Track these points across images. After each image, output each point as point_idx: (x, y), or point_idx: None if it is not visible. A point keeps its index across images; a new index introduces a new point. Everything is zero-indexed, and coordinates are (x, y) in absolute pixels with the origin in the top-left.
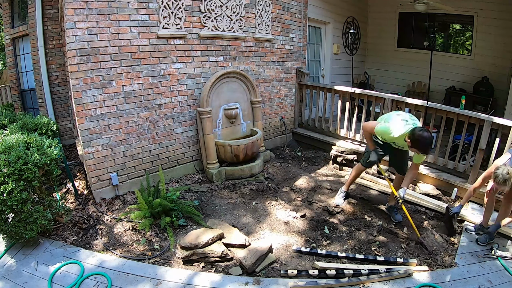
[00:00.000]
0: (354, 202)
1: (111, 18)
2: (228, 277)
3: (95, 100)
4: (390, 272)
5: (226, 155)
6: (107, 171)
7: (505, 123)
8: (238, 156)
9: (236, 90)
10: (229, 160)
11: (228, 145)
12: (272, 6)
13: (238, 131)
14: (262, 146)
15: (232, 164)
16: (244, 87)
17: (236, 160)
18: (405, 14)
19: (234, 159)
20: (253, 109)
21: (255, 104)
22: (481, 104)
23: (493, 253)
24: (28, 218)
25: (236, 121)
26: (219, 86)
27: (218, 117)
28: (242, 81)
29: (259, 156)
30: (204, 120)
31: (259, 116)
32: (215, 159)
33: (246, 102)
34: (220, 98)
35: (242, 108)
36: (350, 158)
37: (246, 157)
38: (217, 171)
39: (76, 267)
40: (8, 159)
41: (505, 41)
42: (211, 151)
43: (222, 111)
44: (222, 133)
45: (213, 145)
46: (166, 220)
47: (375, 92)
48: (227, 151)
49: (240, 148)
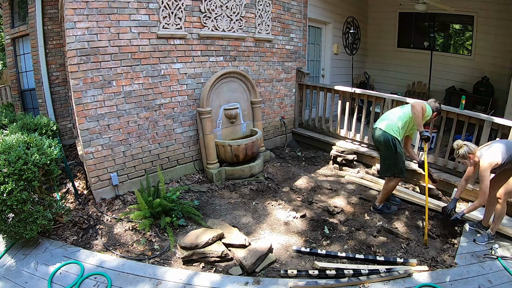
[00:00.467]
0: (354, 202)
1: (111, 18)
2: (228, 277)
3: (95, 100)
4: (390, 272)
5: (226, 155)
6: (107, 171)
7: (505, 123)
8: (238, 156)
9: (236, 90)
10: (229, 160)
11: (228, 145)
12: (272, 6)
13: (238, 131)
14: (262, 146)
15: (232, 164)
16: (244, 87)
17: (236, 160)
18: (405, 14)
19: (234, 159)
20: (253, 109)
21: (255, 104)
22: (481, 104)
23: (493, 253)
24: (28, 218)
25: (236, 121)
26: (219, 86)
27: (218, 117)
28: (242, 81)
29: (259, 156)
30: (204, 120)
31: (259, 116)
32: (215, 159)
33: (246, 102)
34: (220, 98)
35: (242, 108)
36: (350, 158)
37: (246, 157)
38: (217, 171)
39: (76, 267)
40: (8, 159)
41: (505, 41)
42: (211, 151)
43: (222, 111)
44: (222, 133)
45: (213, 145)
46: (166, 220)
47: (375, 92)
48: (227, 151)
49: (240, 148)
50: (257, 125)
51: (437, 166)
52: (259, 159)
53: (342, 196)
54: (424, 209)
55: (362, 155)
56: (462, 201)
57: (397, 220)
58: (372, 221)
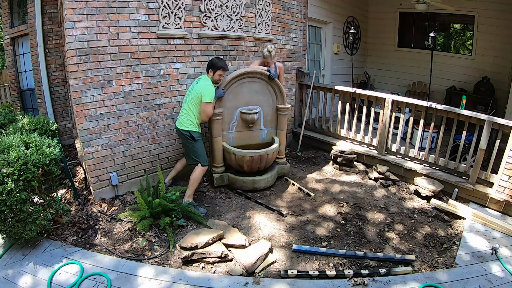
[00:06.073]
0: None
1: (110, 18)
2: (228, 277)
3: (94, 100)
4: (390, 272)
5: (231, 162)
6: (107, 171)
7: (505, 123)
8: (242, 166)
9: (259, 92)
10: (234, 168)
11: (233, 153)
12: (272, 6)
13: (256, 137)
14: (282, 157)
15: (237, 172)
16: (270, 89)
17: (241, 170)
18: (405, 14)
19: (238, 168)
20: (278, 116)
21: (282, 111)
22: (481, 104)
23: (494, 253)
24: (27, 218)
25: (255, 126)
26: (237, 86)
27: (233, 119)
28: (267, 83)
29: (272, 169)
30: (212, 121)
31: (284, 125)
32: (221, 163)
33: (271, 107)
34: (237, 99)
35: (265, 113)
36: (350, 158)
37: (251, 170)
38: (219, 176)
39: (75, 267)
40: (7, 159)
41: (506, 41)
42: (217, 154)
43: (238, 113)
44: (236, 136)
45: (220, 148)
46: (165, 220)
47: (375, 92)
48: (232, 159)
49: (244, 159)
50: (280, 134)
51: (438, 166)
52: (270, 173)
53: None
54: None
55: (362, 155)
56: (464, 202)
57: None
58: (372, 220)
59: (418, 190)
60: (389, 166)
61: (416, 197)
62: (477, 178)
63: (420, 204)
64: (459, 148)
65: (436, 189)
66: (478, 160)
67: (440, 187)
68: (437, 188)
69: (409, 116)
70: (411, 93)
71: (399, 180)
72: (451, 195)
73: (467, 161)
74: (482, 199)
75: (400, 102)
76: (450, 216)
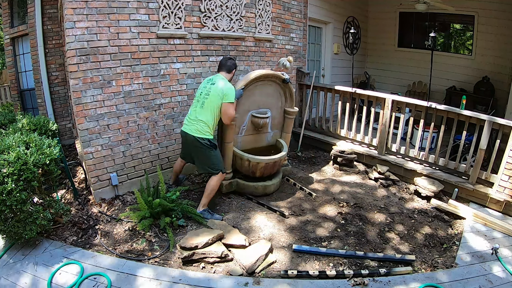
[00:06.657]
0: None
1: (110, 18)
2: (228, 277)
3: (94, 100)
4: (390, 272)
5: (242, 168)
6: (107, 171)
7: (505, 123)
8: (254, 172)
9: (270, 95)
10: (245, 173)
11: (247, 160)
12: (272, 6)
13: (262, 140)
14: (285, 160)
15: (246, 177)
16: (281, 92)
17: (252, 176)
18: (405, 14)
19: (250, 174)
20: (285, 119)
21: (289, 114)
22: (482, 104)
23: (494, 253)
24: (27, 218)
25: (263, 129)
26: (250, 89)
27: (244, 123)
28: (279, 86)
29: (279, 173)
30: (227, 126)
31: (290, 128)
32: (230, 169)
33: (279, 109)
34: (249, 102)
35: (273, 115)
36: (350, 158)
37: (263, 175)
38: (228, 183)
39: (75, 267)
40: (7, 159)
41: (506, 41)
42: (227, 160)
43: (249, 117)
44: (243, 140)
45: (231, 154)
46: (165, 221)
47: (375, 92)
48: (244, 165)
49: (259, 166)
50: (285, 137)
51: (438, 166)
52: (277, 177)
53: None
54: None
55: (362, 155)
56: (464, 202)
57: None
58: (372, 220)
59: (418, 190)
60: (389, 166)
61: (416, 197)
62: (477, 178)
63: (420, 204)
64: (459, 148)
65: (436, 189)
66: (478, 160)
67: (440, 187)
68: (437, 188)
69: (409, 116)
70: (411, 93)
71: (399, 180)
72: (451, 195)
73: (467, 161)
74: (482, 199)
75: (400, 102)
76: (450, 216)
